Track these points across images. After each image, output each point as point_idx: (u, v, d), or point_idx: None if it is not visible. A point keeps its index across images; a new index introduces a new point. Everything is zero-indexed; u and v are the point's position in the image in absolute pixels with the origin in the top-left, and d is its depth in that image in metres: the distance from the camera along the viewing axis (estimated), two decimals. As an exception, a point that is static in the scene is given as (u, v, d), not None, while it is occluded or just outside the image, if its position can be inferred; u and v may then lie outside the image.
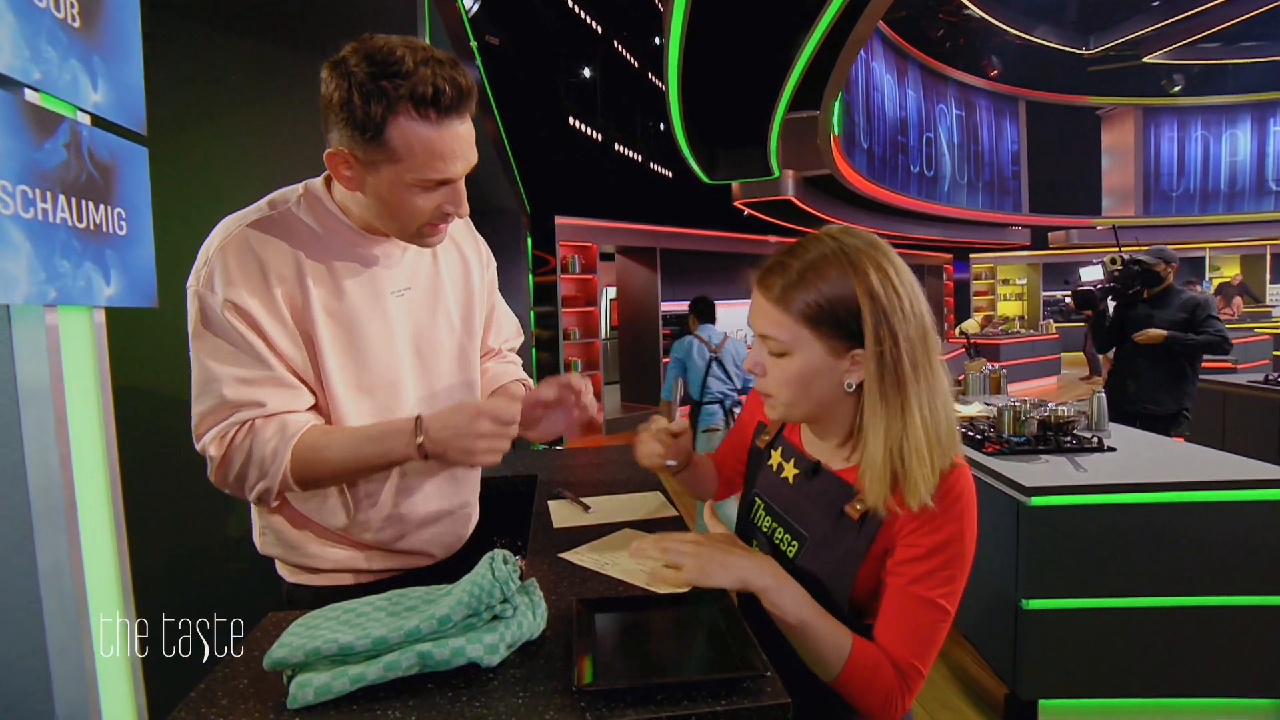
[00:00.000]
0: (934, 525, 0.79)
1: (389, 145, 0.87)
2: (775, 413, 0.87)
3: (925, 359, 0.80)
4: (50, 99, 0.47)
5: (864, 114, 10.46)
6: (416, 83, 0.85)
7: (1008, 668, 2.23)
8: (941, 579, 0.79)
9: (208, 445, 0.93)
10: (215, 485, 0.96)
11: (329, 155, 0.92)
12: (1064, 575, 2.13)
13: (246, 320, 0.92)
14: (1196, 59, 14.10)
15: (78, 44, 0.50)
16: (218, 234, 0.95)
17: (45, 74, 0.46)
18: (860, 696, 0.80)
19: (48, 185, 0.47)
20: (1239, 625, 2.09)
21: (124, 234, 0.54)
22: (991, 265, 15.54)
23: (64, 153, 0.48)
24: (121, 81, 0.54)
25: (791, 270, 0.81)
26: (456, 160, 0.92)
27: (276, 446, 0.93)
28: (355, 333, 1.01)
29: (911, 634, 0.80)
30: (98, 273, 0.50)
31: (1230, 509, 2.07)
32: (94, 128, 0.51)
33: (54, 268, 0.46)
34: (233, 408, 0.92)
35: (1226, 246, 14.69)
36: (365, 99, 0.85)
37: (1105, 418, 2.80)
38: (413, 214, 0.94)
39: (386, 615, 0.78)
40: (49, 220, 0.47)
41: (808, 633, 0.79)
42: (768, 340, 0.83)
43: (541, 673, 0.74)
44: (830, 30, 5.23)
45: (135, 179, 0.56)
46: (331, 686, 0.68)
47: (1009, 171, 15.01)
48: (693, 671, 0.73)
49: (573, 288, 7.56)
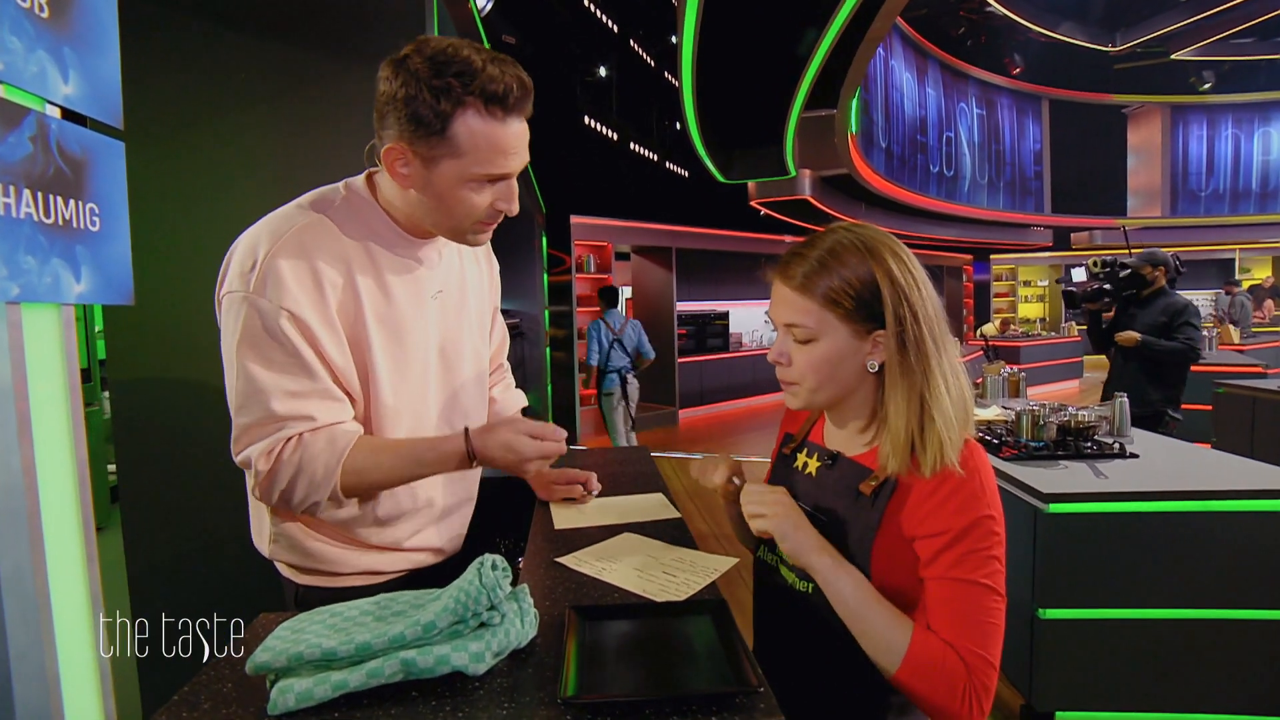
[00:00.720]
0: (955, 505, 0.79)
1: (453, 140, 0.90)
2: (799, 400, 0.89)
3: (942, 336, 0.83)
4: (14, 90, 0.46)
5: (882, 112, 10.34)
6: (486, 80, 0.88)
7: (1024, 678, 2.17)
8: (980, 559, 0.78)
9: (254, 459, 0.91)
10: (258, 498, 0.96)
11: (387, 151, 0.93)
12: (1082, 585, 2.08)
13: (302, 330, 0.91)
14: (1227, 55, 13.74)
15: (46, 34, 0.48)
16: (265, 237, 0.92)
17: (8, 65, 0.45)
18: (928, 695, 0.77)
19: (11, 179, 0.45)
20: (1263, 640, 2.02)
21: (96, 230, 0.52)
22: (1012, 266, 15.31)
23: (30, 146, 0.47)
24: (95, 74, 0.53)
25: (811, 259, 0.84)
26: (515, 156, 0.94)
27: (327, 462, 0.93)
28: (402, 337, 1.02)
29: (965, 620, 0.77)
30: (66, 269, 0.49)
31: (1257, 519, 2.00)
32: (64, 121, 0.50)
33: (16, 264, 0.45)
34: (280, 422, 0.91)
35: (1258, 248, 14.32)
36: (434, 95, 0.87)
37: (1128, 423, 2.73)
38: (468, 211, 0.96)
39: (374, 620, 0.76)
40: (12, 215, 0.45)
41: (864, 618, 0.79)
42: (793, 329, 0.85)
43: (530, 682, 0.72)
44: (846, 28, 5.17)
45: (110, 174, 0.55)
46: (313, 693, 0.67)
47: (1031, 171, 14.75)
48: (685, 684, 0.70)
49: (588, 287, 7.55)
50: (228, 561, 1.63)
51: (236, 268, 0.92)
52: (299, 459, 0.92)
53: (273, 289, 0.89)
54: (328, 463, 0.93)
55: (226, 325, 0.93)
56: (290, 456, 0.92)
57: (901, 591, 0.82)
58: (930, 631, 0.78)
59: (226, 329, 0.93)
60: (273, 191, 1.82)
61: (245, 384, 0.90)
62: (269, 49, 1.80)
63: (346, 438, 0.94)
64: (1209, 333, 6.23)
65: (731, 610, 0.82)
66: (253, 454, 0.91)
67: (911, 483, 0.81)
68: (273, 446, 0.91)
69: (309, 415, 0.93)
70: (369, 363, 0.99)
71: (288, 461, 0.92)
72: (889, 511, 0.82)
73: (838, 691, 0.87)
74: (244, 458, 0.92)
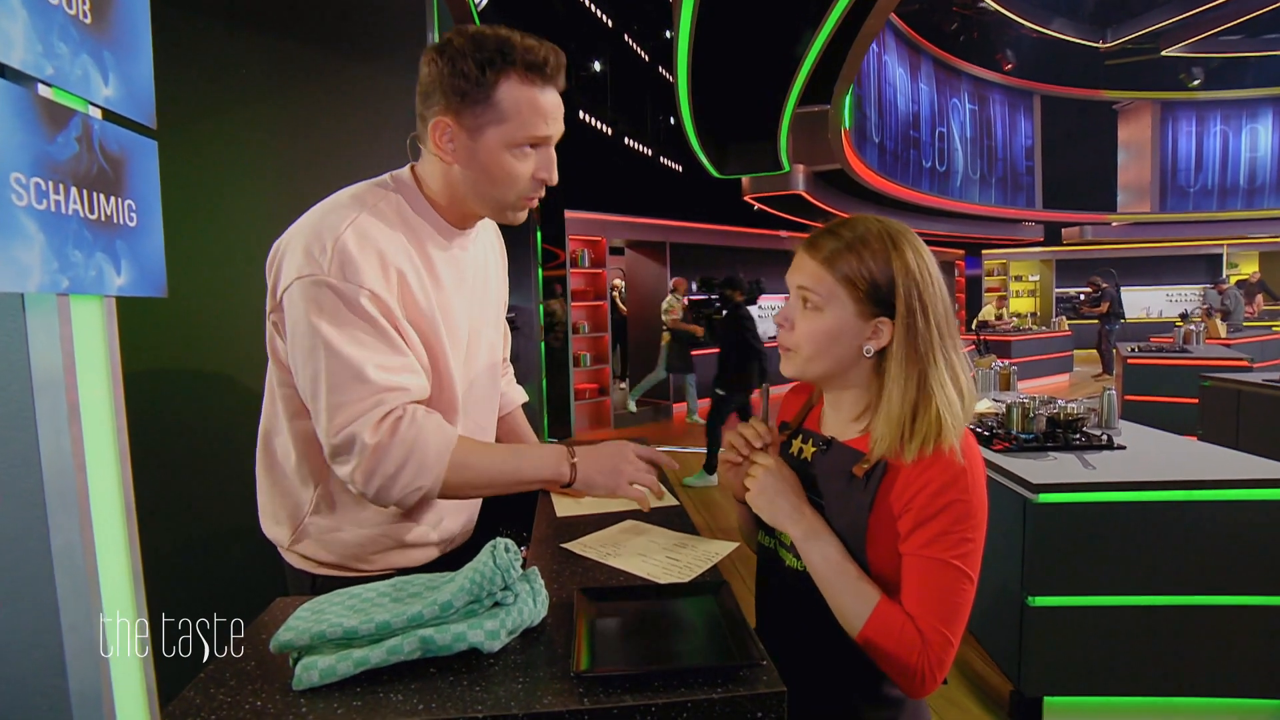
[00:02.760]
0: (937, 486, 0.83)
1: (498, 106, 0.95)
2: (793, 367, 0.93)
3: (950, 331, 0.88)
4: (62, 94, 0.48)
5: (876, 108, 10.38)
6: (525, 50, 0.95)
7: (1013, 664, 2.23)
8: (955, 540, 0.82)
9: (360, 434, 0.89)
10: (356, 484, 0.92)
11: (433, 126, 0.97)
12: (1070, 572, 2.13)
13: (383, 310, 0.94)
14: (1217, 52, 13.85)
15: (89, 40, 0.51)
16: (332, 224, 0.94)
17: (57, 69, 0.47)
18: (887, 659, 0.83)
19: (60, 178, 0.48)
20: (1247, 625, 2.08)
21: (134, 225, 0.55)
22: (1004, 261, 15.40)
23: (76, 146, 0.49)
24: (131, 76, 0.55)
25: (842, 239, 0.89)
26: (555, 121, 1.00)
27: (439, 447, 0.93)
28: (452, 324, 1.06)
29: (931, 597, 0.82)
30: (109, 263, 0.51)
31: (1242, 508, 2.06)
32: (105, 121, 0.53)
33: (66, 258, 0.47)
34: (380, 394, 0.91)
35: (1245, 243, 14.47)
36: (479, 65, 0.93)
37: (1116, 415, 2.78)
38: (512, 180, 0.99)
39: (390, 601, 0.79)
40: (61, 212, 0.48)
41: (832, 584, 0.86)
42: (804, 291, 0.90)
43: (542, 659, 0.75)
44: (841, 23, 5.20)
45: (145, 172, 0.57)
46: (336, 669, 0.70)
47: (1022, 167, 14.84)
48: (690, 659, 0.74)
49: (582, 281, 7.57)
50: (234, 556, 1.65)
51: (302, 255, 0.92)
52: (414, 436, 0.91)
53: (351, 271, 0.91)
54: (439, 448, 0.93)
55: (302, 309, 0.92)
56: (406, 432, 0.91)
57: (896, 571, 0.86)
58: (894, 603, 0.84)
59: (302, 313, 0.92)
60: (275, 187, 1.84)
61: (335, 363, 0.90)
62: (271, 46, 1.81)
63: (454, 430, 0.96)
64: (1196, 327, 6.32)
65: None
66: (360, 430, 0.89)
67: (901, 465, 0.85)
68: (380, 419, 0.90)
69: (404, 387, 0.94)
70: (439, 347, 1.02)
71: (403, 438, 0.91)
72: (880, 493, 0.86)
73: (839, 667, 0.91)
74: (346, 435, 0.90)
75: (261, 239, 1.45)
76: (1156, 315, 13.92)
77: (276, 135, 1.83)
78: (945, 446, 0.84)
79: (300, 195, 1.84)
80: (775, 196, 9.01)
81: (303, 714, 0.66)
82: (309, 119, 1.84)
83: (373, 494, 0.93)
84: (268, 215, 1.88)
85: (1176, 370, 5.34)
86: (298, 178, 1.83)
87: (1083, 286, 11.70)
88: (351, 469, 0.92)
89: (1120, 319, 10.14)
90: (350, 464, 0.92)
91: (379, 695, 0.68)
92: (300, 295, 0.92)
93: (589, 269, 7.49)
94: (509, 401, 1.44)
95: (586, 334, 7.56)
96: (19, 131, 0.45)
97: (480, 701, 0.67)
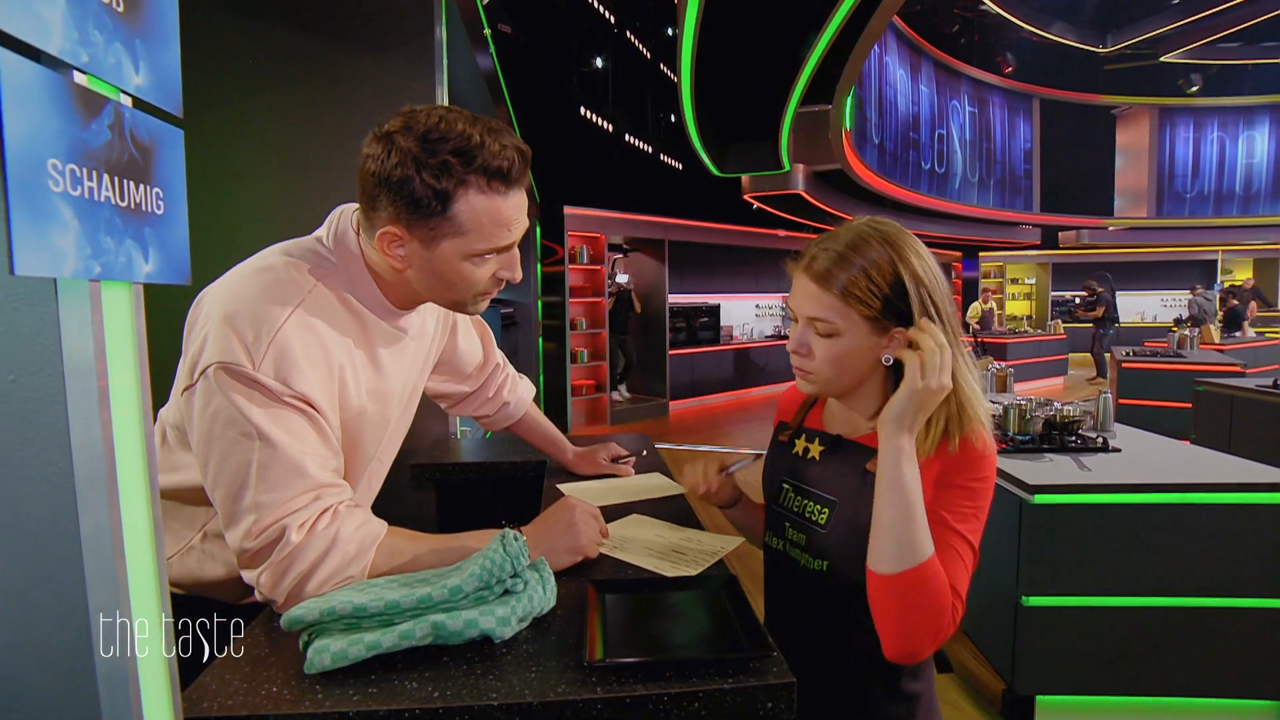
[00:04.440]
0: (955, 464, 0.85)
1: (455, 219, 0.86)
2: (813, 388, 0.92)
3: (956, 329, 0.88)
4: (96, 81, 0.49)
5: (876, 109, 10.39)
6: (488, 156, 0.84)
7: (1006, 663, 2.25)
8: (964, 511, 0.84)
9: (290, 529, 0.80)
10: (262, 590, 0.82)
11: (381, 235, 0.88)
12: (1065, 573, 2.15)
13: (318, 411, 0.87)
14: (1215, 59, 13.92)
15: (121, 28, 0.51)
16: (268, 308, 0.85)
17: (92, 57, 0.48)
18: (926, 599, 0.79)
19: (94, 164, 0.48)
20: (1238, 626, 2.10)
21: (161, 213, 0.56)
22: (1000, 264, 15.46)
23: (108, 133, 0.50)
24: (160, 65, 0.56)
25: (834, 252, 0.86)
26: (519, 224, 0.92)
27: (362, 539, 0.84)
28: (385, 406, 1.02)
29: (945, 559, 0.82)
30: (137, 250, 0.52)
31: (1234, 511, 2.08)
32: (135, 109, 0.53)
33: (99, 244, 0.48)
34: (319, 489, 0.83)
35: (1240, 250, 14.55)
36: (434, 174, 0.83)
37: (1111, 418, 2.80)
38: (470, 284, 0.92)
39: (400, 586, 0.80)
40: (94, 198, 0.48)
41: (914, 508, 0.80)
42: (816, 323, 0.88)
43: (553, 649, 0.76)
44: (845, 24, 5.20)
45: (172, 160, 0.58)
46: (348, 653, 0.71)
47: (1021, 170, 14.88)
48: (702, 651, 0.75)
49: (580, 278, 7.57)
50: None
51: (233, 339, 0.82)
52: (334, 532, 0.82)
53: (287, 372, 0.83)
54: (363, 540, 0.84)
55: (223, 397, 0.81)
56: (325, 529, 0.82)
57: None
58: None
59: (225, 401, 0.81)
60: (278, 179, 1.84)
61: (269, 455, 0.81)
62: (274, 37, 1.81)
63: (380, 525, 0.88)
64: (1190, 332, 6.36)
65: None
66: (291, 524, 0.81)
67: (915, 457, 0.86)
68: (309, 518, 0.82)
69: (342, 484, 0.87)
70: (355, 433, 0.97)
71: (321, 534, 0.81)
72: None
73: (857, 665, 0.91)
74: (273, 534, 0.81)
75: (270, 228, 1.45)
76: (1151, 320, 14.00)
77: (281, 126, 1.83)
78: (974, 433, 0.85)
79: (307, 185, 1.85)
80: (775, 196, 9.01)
81: (318, 699, 0.66)
82: (316, 110, 1.84)
83: (283, 598, 0.81)
84: (270, 206, 1.88)
85: (1170, 375, 5.38)
86: (301, 169, 1.83)
87: (1078, 290, 11.75)
88: (259, 569, 0.81)
89: (1114, 324, 10.11)
90: (261, 567, 0.81)
91: (393, 682, 0.69)
92: (222, 384, 0.82)
93: (587, 265, 7.49)
94: (520, 404, 1.43)
95: (584, 330, 7.56)
96: (55, 118, 0.45)
97: (494, 689, 0.67)
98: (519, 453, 1.66)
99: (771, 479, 1.03)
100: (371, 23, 1.90)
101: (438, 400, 1.38)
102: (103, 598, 0.49)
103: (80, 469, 0.48)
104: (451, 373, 1.32)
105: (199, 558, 1.02)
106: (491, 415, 1.41)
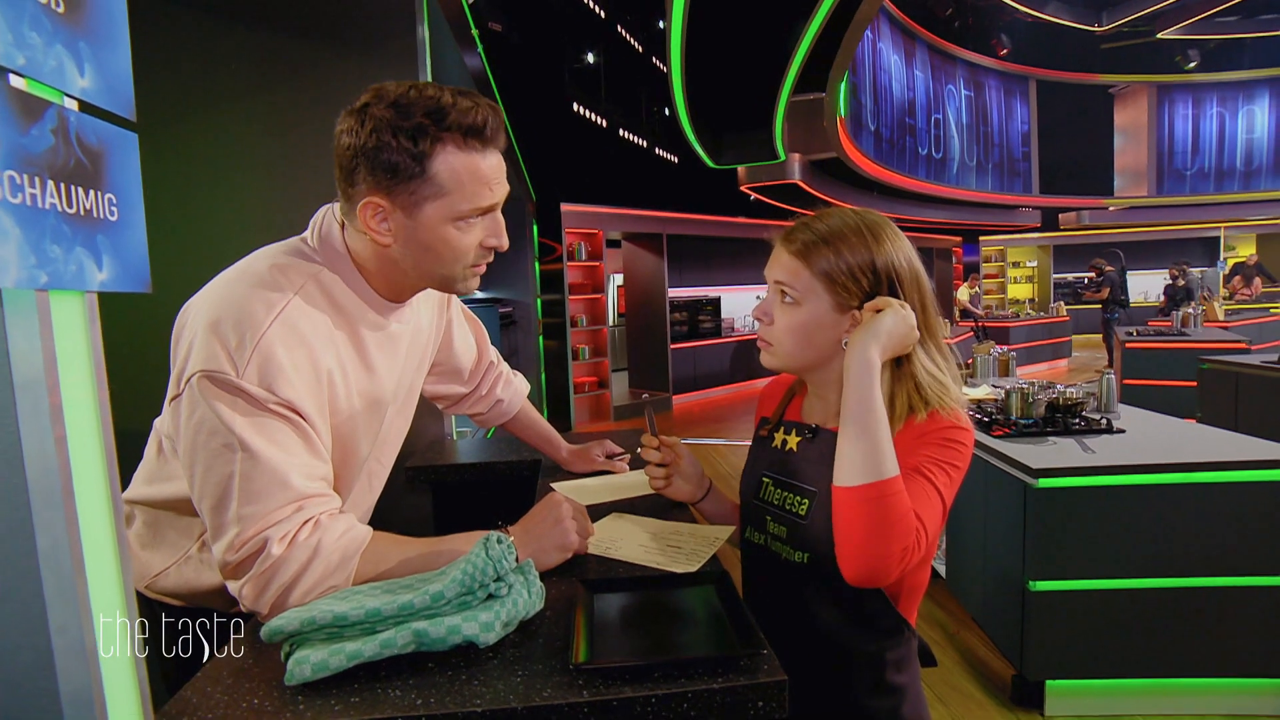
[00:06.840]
0: (928, 428, 0.86)
1: (435, 179, 0.85)
2: (774, 360, 0.94)
3: (929, 321, 0.90)
4: (36, 85, 0.47)
5: (871, 95, 10.34)
6: (460, 114, 0.84)
7: (1014, 649, 2.23)
8: (941, 465, 0.84)
9: (272, 541, 0.79)
10: (245, 601, 0.81)
11: (362, 207, 0.86)
12: (1071, 557, 2.13)
13: (304, 419, 0.85)
14: (1213, 34, 13.79)
15: (63, 30, 0.50)
16: (254, 313, 0.83)
17: (30, 59, 0.46)
18: (890, 515, 0.78)
19: (36, 171, 0.47)
20: (1247, 606, 2.08)
21: (115, 219, 0.54)
22: (1001, 248, 15.38)
23: (52, 138, 0.48)
24: (109, 67, 0.54)
25: (816, 230, 0.90)
26: (500, 185, 0.91)
27: (346, 547, 0.83)
28: (378, 407, 1.00)
29: (916, 496, 0.81)
30: (89, 258, 0.50)
31: (1239, 489, 2.06)
32: (82, 114, 0.51)
33: (44, 252, 0.46)
34: (302, 500, 0.82)
35: (1242, 226, 14.45)
36: (409, 137, 0.83)
37: (1115, 399, 2.78)
38: (459, 253, 0.90)
39: (382, 593, 0.79)
40: (38, 205, 0.47)
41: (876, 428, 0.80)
42: (782, 286, 0.91)
43: (540, 652, 0.75)
44: (834, 10, 5.16)
45: (125, 165, 0.56)
46: (328, 663, 0.69)
47: (1019, 153, 14.80)
48: (691, 650, 0.73)
49: (579, 275, 7.55)
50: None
51: (217, 346, 0.81)
52: (316, 542, 0.81)
53: (271, 378, 0.82)
54: (346, 548, 0.83)
55: (207, 407, 0.80)
56: (307, 539, 0.81)
57: None
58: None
59: (208, 410, 0.80)
60: (264, 183, 1.83)
61: (250, 466, 0.80)
62: (260, 40, 1.80)
63: (364, 532, 0.86)
64: (1194, 310, 6.32)
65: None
66: (273, 536, 0.79)
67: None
68: (290, 530, 0.80)
69: (328, 494, 0.85)
70: (347, 435, 0.95)
71: (303, 544, 0.80)
72: None
73: (841, 659, 0.91)
74: (255, 545, 0.80)
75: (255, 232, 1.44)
76: (1155, 299, 13.92)
77: (263, 130, 1.81)
78: (942, 406, 0.86)
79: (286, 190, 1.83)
80: (772, 186, 8.99)
81: (300, 711, 0.65)
82: (295, 114, 1.82)
83: (266, 610, 0.80)
84: (254, 210, 1.87)
85: (1175, 353, 5.34)
86: (284, 172, 1.82)
87: (1083, 271, 11.61)
88: (241, 584, 0.81)
89: (1123, 306, 9.05)
90: (244, 579, 0.81)
91: (376, 691, 0.68)
92: (206, 393, 0.80)
93: (586, 262, 7.47)
94: (515, 401, 1.42)
95: (585, 327, 7.55)
96: (-9, 124, 0.44)
97: (479, 695, 0.66)
98: (514, 452, 1.65)
99: (751, 474, 1.03)
100: (353, 25, 1.89)
101: (435, 401, 1.38)
102: (64, 617, 0.48)
103: (35, 486, 0.47)
104: (449, 373, 1.31)
105: (196, 567, 1.02)
106: (485, 413, 1.40)
